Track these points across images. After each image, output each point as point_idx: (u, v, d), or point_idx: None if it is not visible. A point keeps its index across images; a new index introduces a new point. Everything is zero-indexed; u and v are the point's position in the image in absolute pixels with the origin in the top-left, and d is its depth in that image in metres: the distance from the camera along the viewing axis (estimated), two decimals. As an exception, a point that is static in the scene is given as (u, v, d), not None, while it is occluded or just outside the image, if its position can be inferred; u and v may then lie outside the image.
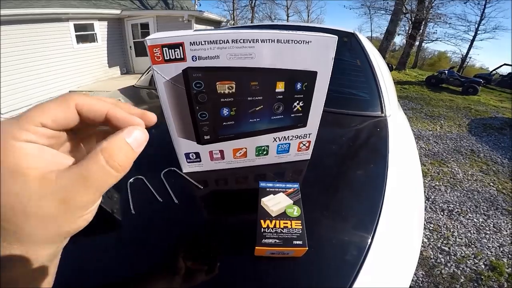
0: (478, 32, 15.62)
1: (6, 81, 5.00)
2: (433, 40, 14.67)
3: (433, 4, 11.62)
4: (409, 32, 11.84)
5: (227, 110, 0.43)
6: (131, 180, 0.50)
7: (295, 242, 0.33)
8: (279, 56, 0.40)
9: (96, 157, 0.15)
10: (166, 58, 0.36)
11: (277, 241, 0.33)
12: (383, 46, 10.21)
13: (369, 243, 0.38)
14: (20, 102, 5.19)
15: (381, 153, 0.62)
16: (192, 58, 0.36)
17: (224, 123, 0.44)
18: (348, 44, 1.22)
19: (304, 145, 0.53)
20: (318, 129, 0.52)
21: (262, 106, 0.44)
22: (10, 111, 4.95)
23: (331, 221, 0.42)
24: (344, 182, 0.54)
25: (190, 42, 0.35)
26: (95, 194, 0.16)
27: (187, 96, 0.39)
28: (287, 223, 0.35)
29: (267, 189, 0.41)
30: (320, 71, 0.43)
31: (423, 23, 11.95)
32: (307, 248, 0.33)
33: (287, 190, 0.40)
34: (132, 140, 0.17)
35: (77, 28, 6.50)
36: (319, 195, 0.48)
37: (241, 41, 0.36)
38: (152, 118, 0.20)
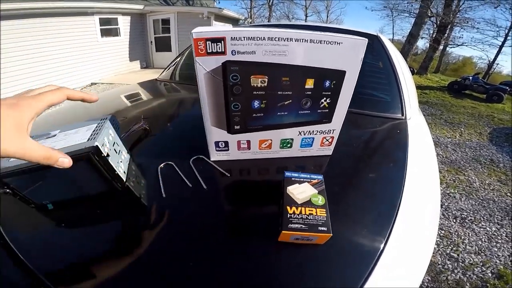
0: (508, 37, 14.90)
1: (33, 72, 5.27)
2: (459, 45, 14.06)
3: (460, 8, 11.19)
4: (433, 35, 11.43)
5: (258, 102, 0.46)
6: (161, 165, 0.54)
7: (320, 228, 0.35)
8: (310, 55, 0.42)
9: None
10: (208, 51, 0.39)
11: (303, 226, 0.35)
12: (405, 49, 9.94)
13: (385, 241, 0.39)
14: (45, 91, 5.47)
15: (400, 155, 0.63)
16: (232, 52, 0.40)
17: (254, 115, 0.48)
18: (371, 46, 1.23)
19: (327, 140, 0.56)
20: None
21: (290, 101, 0.47)
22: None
23: (349, 216, 0.44)
24: (364, 179, 0.56)
25: (231, 37, 0.38)
26: None
27: (223, 87, 0.43)
28: (312, 210, 0.37)
29: (293, 179, 0.43)
30: (348, 71, 0.46)
31: (449, 27, 11.51)
32: (331, 235, 0.35)
33: (311, 180, 0.43)
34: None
35: (102, 22, 6.73)
36: (339, 191, 0.50)
37: (277, 39, 0.39)
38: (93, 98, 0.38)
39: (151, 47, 8.39)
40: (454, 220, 2.11)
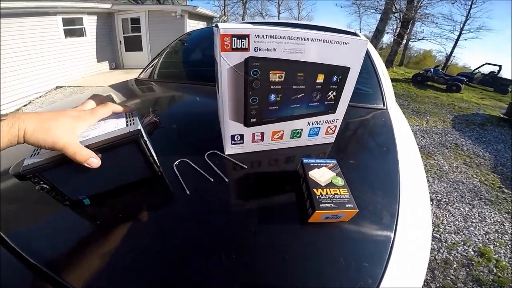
0: (463, 31, 16.18)
1: None
2: (420, 39, 15.04)
3: (421, 4, 11.95)
4: (397, 31, 12.10)
5: (274, 96, 0.50)
6: (176, 162, 0.54)
7: (347, 205, 0.40)
8: (322, 53, 0.47)
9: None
10: (233, 47, 0.42)
11: (332, 205, 0.40)
12: (373, 44, 10.35)
13: (396, 212, 0.45)
14: (6, 97, 5.00)
15: (389, 139, 0.71)
16: (254, 49, 0.43)
17: (270, 108, 0.51)
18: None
19: (331, 129, 0.61)
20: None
21: (303, 94, 0.51)
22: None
23: (360, 196, 0.47)
24: (363, 162, 0.62)
25: (255, 35, 0.42)
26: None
27: (244, 82, 0.46)
28: (336, 190, 0.42)
29: (311, 164, 0.48)
30: (352, 67, 0.52)
31: (411, 22, 12.26)
32: (357, 210, 0.40)
33: (328, 164, 0.48)
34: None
35: (65, 22, 6.33)
36: (345, 173, 0.55)
37: (295, 38, 0.44)
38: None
39: (120, 47, 8.04)
40: (431, 203, 2.28)
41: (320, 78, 0.50)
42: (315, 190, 0.42)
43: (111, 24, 7.73)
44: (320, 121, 0.58)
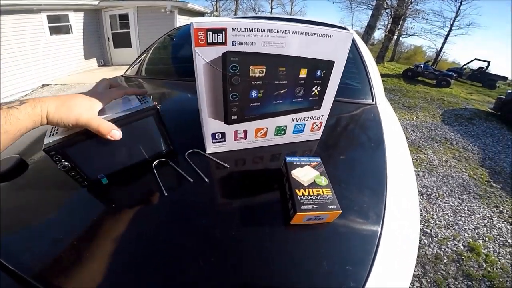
0: (453, 28, 16.43)
1: None
2: (411, 35, 15.26)
3: (412, 0, 12.05)
4: (388, 26, 12.18)
5: (255, 92, 0.47)
6: (155, 162, 0.52)
7: (329, 206, 0.38)
8: (305, 46, 0.45)
9: None
10: (209, 41, 0.39)
11: (315, 206, 0.38)
12: (364, 40, 10.37)
13: (382, 215, 0.43)
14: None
15: (378, 135, 0.70)
16: (232, 43, 0.40)
17: (251, 104, 0.49)
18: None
19: (316, 125, 0.59)
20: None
21: (286, 90, 0.49)
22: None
23: (345, 195, 0.47)
24: (350, 159, 0.60)
25: (232, 28, 0.39)
26: None
27: (222, 77, 0.44)
28: (319, 191, 0.40)
29: (294, 163, 0.46)
30: (337, 61, 0.49)
31: (402, 18, 12.36)
32: (340, 211, 0.38)
33: (311, 163, 0.46)
34: None
35: (50, 19, 6.16)
36: (331, 171, 0.53)
37: (276, 31, 0.41)
38: None
39: (108, 43, 7.88)
40: (422, 197, 2.30)
41: (303, 73, 0.48)
42: (297, 190, 0.40)
43: (98, 21, 7.56)
44: (305, 118, 0.56)
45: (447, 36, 16.52)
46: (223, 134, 0.53)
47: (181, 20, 7.55)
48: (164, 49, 1.71)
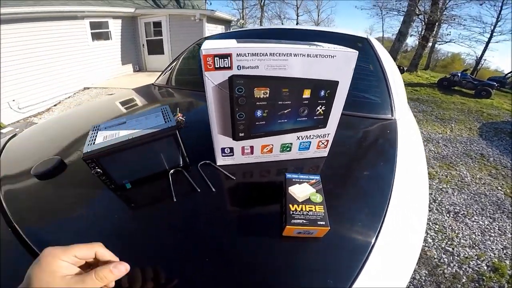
0: (494, 33, 15.24)
1: (24, 78, 5.16)
2: (447, 42, 14.36)
3: (447, 6, 11.41)
4: (422, 33, 11.63)
5: (260, 112, 0.50)
6: (171, 171, 0.58)
7: (319, 222, 0.40)
8: (307, 68, 0.47)
9: (91, 273, 0.30)
10: (216, 66, 0.43)
11: (304, 221, 0.40)
12: (395, 47, 10.09)
13: (376, 233, 0.44)
14: (35, 98, 5.36)
15: (390, 154, 0.68)
16: (237, 67, 0.44)
17: (257, 123, 0.52)
18: (361, 49, 1.28)
19: (323, 143, 0.61)
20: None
21: (290, 109, 0.51)
22: (27, 106, 5.14)
23: (343, 212, 0.49)
24: (355, 178, 0.60)
25: (237, 54, 0.43)
26: None
27: (230, 99, 0.47)
28: (311, 207, 0.42)
29: (293, 179, 0.48)
30: (341, 80, 0.51)
31: (437, 24, 11.72)
32: (329, 228, 0.40)
33: (310, 180, 0.48)
34: (113, 269, 0.32)
35: (92, 26, 6.68)
36: (334, 188, 0.54)
37: (277, 54, 0.44)
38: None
39: (143, 50, 8.36)
40: (448, 215, 2.16)
41: (307, 93, 0.50)
42: (290, 205, 0.43)
43: (134, 28, 8.06)
44: (310, 136, 0.58)
45: (488, 42, 15.37)
46: (231, 149, 0.57)
47: (209, 28, 7.84)
48: (192, 59, 1.80)
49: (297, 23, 22.57)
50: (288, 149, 0.59)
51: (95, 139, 0.52)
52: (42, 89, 5.49)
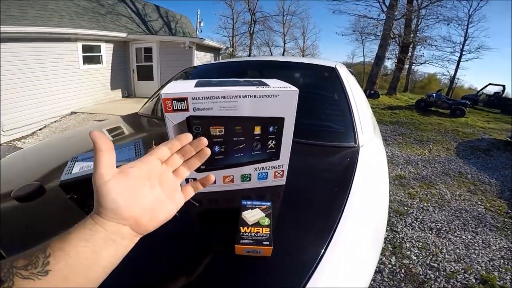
0: (463, 52, 16.26)
1: (10, 99, 5.04)
2: (422, 63, 15.13)
3: (418, 28, 12.18)
4: (398, 56, 12.33)
5: (218, 147, 0.57)
6: None
7: (264, 242, 0.45)
8: (256, 107, 0.54)
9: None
10: (174, 108, 0.50)
11: (251, 241, 0.45)
12: (374, 71, 10.62)
13: (323, 251, 0.49)
14: (21, 121, 5.26)
15: (345, 180, 0.73)
16: (193, 109, 0.51)
17: (216, 157, 0.58)
18: (328, 78, 1.38)
19: (279, 173, 0.67)
20: (293, 158, 0.66)
21: (244, 145, 0.58)
22: (11, 129, 5.04)
23: (296, 230, 0.55)
24: (312, 202, 0.66)
25: (192, 97, 0.50)
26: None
27: (188, 137, 0.53)
28: (259, 229, 0.48)
29: (247, 205, 0.54)
30: (286, 116, 0.58)
31: (411, 46, 12.47)
32: (272, 247, 0.45)
33: (262, 206, 0.53)
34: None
35: (85, 49, 6.73)
36: (288, 212, 0.61)
37: (228, 97, 0.51)
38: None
39: (133, 75, 8.45)
40: (430, 232, 2.22)
41: (258, 130, 0.57)
42: (241, 227, 0.49)
43: (126, 53, 8.20)
44: (266, 167, 0.64)
45: (458, 61, 16.38)
46: (194, 180, 0.62)
47: (198, 56, 8.10)
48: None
49: (284, 50, 23.65)
50: (248, 179, 0.65)
51: (72, 169, 0.59)
52: (28, 111, 5.39)
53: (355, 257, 0.53)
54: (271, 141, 0.59)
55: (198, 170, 0.59)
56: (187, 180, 0.62)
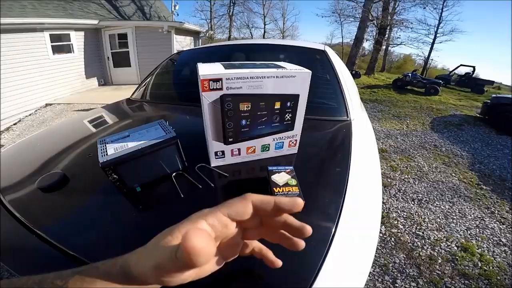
0: (437, 35, 16.87)
1: None
2: (398, 44, 15.69)
3: (396, 11, 12.50)
4: (376, 37, 12.65)
5: (244, 121, 0.66)
6: (173, 174, 0.69)
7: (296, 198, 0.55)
8: (277, 86, 0.63)
9: None
10: (211, 88, 0.58)
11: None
12: (353, 53, 10.86)
13: (337, 217, 0.56)
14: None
15: (345, 149, 0.84)
16: (226, 88, 0.59)
17: (242, 130, 0.68)
18: (319, 60, 1.49)
19: (292, 142, 0.78)
20: (301, 131, 0.76)
21: (266, 118, 0.68)
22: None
23: (308, 195, 0.60)
24: (320, 168, 0.77)
25: (226, 78, 0.58)
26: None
27: (221, 112, 0.62)
28: (290, 188, 0.58)
29: (273, 170, 0.63)
30: (301, 94, 0.68)
31: (388, 28, 12.82)
32: (304, 201, 0.54)
33: (286, 170, 0.64)
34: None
35: (53, 38, 6.38)
36: (301, 177, 0.67)
37: (255, 77, 0.60)
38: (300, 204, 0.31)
39: (108, 63, 8.11)
40: (413, 202, 2.40)
41: (277, 105, 0.67)
42: (274, 188, 0.58)
43: (98, 40, 7.82)
44: (282, 137, 0.75)
45: (433, 43, 17.03)
46: (223, 152, 0.71)
47: (178, 40, 7.86)
48: (167, 74, 1.89)
49: (264, 31, 23.23)
50: (267, 149, 0.75)
51: (106, 151, 0.61)
52: (-1, 106, 5.07)
53: (362, 226, 0.60)
54: (288, 114, 0.70)
55: (226, 143, 0.68)
56: (216, 153, 0.71)
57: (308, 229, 0.30)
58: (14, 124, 5.26)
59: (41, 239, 0.54)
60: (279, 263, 0.35)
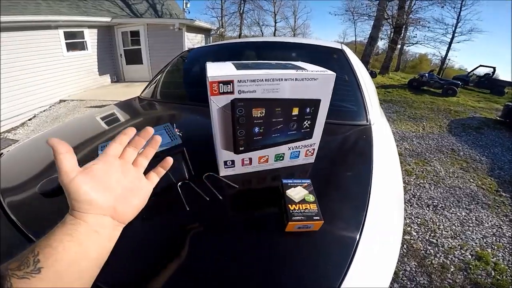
0: (455, 34, 16.41)
1: None
2: (414, 44, 15.33)
3: (412, 9, 12.21)
4: (391, 36, 12.34)
5: (257, 128, 0.59)
6: (179, 183, 0.64)
7: (314, 217, 0.48)
8: (295, 90, 0.56)
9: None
10: (221, 91, 0.51)
11: (302, 217, 0.48)
12: (367, 51, 10.62)
13: (362, 224, 0.53)
14: (8, 112, 5.08)
15: (367, 156, 0.78)
16: (238, 92, 0.52)
17: (255, 138, 0.60)
18: (337, 60, 1.40)
19: (310, 151, 0.70)
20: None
21: (282, 125, 0.60)
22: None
23: (330, 210, 0.56)
24: (338, 179, 0.70)
25: (238, 80, 0.51)
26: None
27: (232, 119, 0.55)
28: (307, 206, 0.51)
29: (289, 184, 0.57)
30: (322, 98, 0.60)
31: (404, 27, 12.49)
32: (323, 221, 0.48)
33: (303, 184, 0.57)
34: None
35: (67, 35, 6.49)
36: (321, 189, 0.62)
37: (271, 80, 0.53)
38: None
39: (121, 60, 8.19)
40: (428, 208, 2.31)
41: (295, 111, 0.59)
42: (289, 205, 0.51)
43: (111, 38, 7.91)
44: (299, 146, 0.67)
45: (450, 43, 16.53)
46: (233, 161, 0.65)
47: (189, 37, 7.86)
48: (177, 72, 1.84)
49: (275, 30, 23.05)
50: (281, 158, 0.68)
51: None
52: (14, 102, 5.22)
53: (386, 233, 0.57)
54: (306, 121, 0.62)
55: (237, 152, 0.62)
56: (225, 163, 0.65)
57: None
58: (29, 120, 5.38)
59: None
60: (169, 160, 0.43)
